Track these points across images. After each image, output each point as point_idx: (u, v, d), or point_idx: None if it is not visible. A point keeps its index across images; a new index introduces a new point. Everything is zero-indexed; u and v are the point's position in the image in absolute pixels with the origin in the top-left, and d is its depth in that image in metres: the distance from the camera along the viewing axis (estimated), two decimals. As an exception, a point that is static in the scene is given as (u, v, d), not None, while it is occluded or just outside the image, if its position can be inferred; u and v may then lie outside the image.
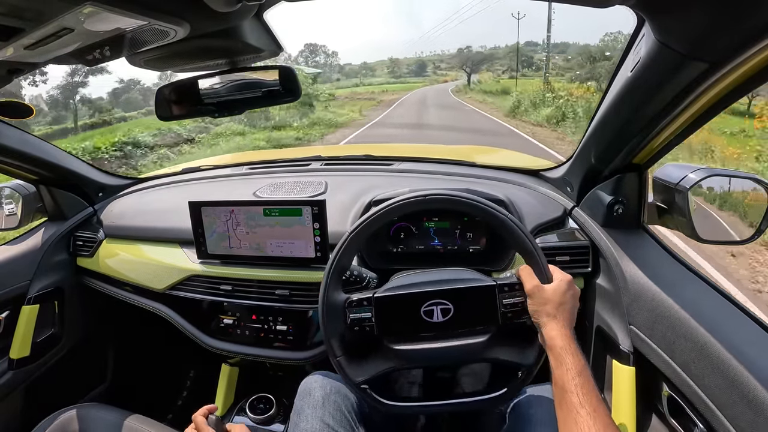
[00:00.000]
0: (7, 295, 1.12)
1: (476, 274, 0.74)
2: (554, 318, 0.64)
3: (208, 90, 0.81)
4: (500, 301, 0.69)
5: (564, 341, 0.62)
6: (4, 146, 1.01)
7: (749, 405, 0.54)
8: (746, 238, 0.75)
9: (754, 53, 0.46)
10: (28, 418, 1.16)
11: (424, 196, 0.71)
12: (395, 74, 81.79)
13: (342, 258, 0.73)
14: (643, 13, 0.50)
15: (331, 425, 0.75)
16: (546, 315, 0.65)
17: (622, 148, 0.77)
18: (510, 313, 0.68)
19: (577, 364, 0.59)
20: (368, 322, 0.72)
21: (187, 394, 1.56)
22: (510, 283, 0.69)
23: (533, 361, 0.69)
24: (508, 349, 0.71)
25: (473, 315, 0.71)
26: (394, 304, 0.72)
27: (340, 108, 20.43)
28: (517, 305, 0.68)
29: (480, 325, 0.71)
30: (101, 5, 0.44)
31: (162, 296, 1.11)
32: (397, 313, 0.72)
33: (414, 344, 0.72)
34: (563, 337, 0.62)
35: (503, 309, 0.69)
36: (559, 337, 0.62)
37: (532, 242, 0.69)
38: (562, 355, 0.61)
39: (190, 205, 1.02)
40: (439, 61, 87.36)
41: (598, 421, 0.54)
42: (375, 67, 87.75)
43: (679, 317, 0.67)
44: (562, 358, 0.60)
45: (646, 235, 0.86)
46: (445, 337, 0.71)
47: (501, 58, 62.69)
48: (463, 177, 1.19)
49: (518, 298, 0.68)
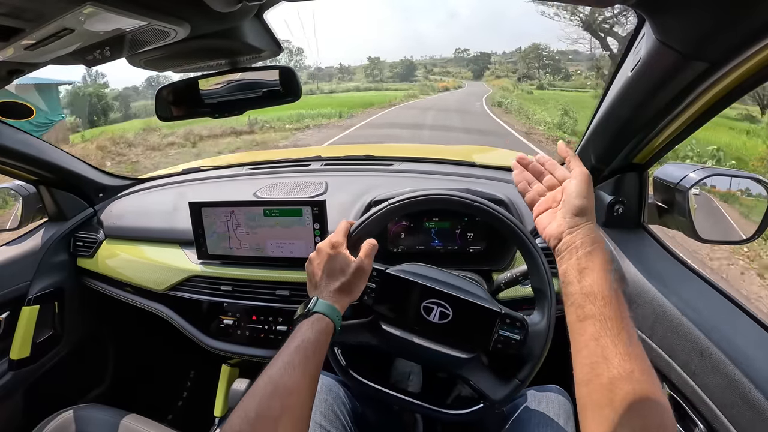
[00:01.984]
0: (7, 295, 1.12)
1: (486, 294, 0.73)
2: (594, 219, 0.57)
3: (208, 90, 0.81)
4: (497, 329, 0.68)
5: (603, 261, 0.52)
6: (4, 147, 1.01)
7: (749, 405, 0.54)
8: (746, 237, 0.75)
9: (754, 53, 0.46)
10: (28, 419, 1.16)
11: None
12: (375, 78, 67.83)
13: (369, 226, 0.71)
14: (643, 13, 0.50)
15: (323, 425, 0.74)
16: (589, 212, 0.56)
17: (623, 148, 0.77)
18: (501, 344, 0.68)
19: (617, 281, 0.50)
20: (369, 293, 0.72)
21: (187, 394, 1.56)
22: (513, 317, 0.68)
23: (500, 399, 0.68)
24: (483, 377, 0.70)
25: (467, 331, 0.70)
26: (400, 287, 0.72)
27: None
28: (511, 340, 0.67)
29: (469, 343, 0.70)
30: (102, 6, 0.44)
31: (162, 297, 1.10)
32: (399, 296, 0.72)
33: (402, 332, 0.72)
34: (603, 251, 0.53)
35: (496, 338, 0.68)
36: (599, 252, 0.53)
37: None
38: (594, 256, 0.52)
39: (190, 206, 1.02)
40: (431, 64, 78.53)
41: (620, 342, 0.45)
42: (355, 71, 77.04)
43: (679, 317, 0.67)
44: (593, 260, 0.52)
45: (646, 234, 0.86)
46: (433, 338, 0.71)
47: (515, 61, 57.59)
48: (463, 177, 1.19)
49: (515, 334, 0.67)
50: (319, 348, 0.56)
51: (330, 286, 0.64)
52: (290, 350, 0.54)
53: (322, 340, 0.57)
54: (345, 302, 0.64)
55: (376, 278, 0.72)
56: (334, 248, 0.67)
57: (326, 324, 0.58)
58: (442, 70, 74.87)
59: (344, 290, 0.64)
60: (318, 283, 0.65)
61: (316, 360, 0.55)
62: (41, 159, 1.12)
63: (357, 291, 0.66)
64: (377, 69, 74.18)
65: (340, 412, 0.78)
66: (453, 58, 76.81)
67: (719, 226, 0.77)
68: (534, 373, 0.67)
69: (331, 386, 0.81)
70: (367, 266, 0.67)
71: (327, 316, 0.59)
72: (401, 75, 68.74)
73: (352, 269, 0.65)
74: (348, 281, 0.64)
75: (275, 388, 0.49)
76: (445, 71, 74.11)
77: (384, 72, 73.96)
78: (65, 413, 0.85)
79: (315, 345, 0.55)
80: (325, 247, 0.67)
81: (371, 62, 75.49)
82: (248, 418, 0.46)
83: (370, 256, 0.68)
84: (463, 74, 69.39)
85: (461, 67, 74.16)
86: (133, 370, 1.50)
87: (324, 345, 0.57)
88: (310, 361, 0.53)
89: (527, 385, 0.68)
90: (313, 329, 0.57)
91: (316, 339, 0.56)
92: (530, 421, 0.76)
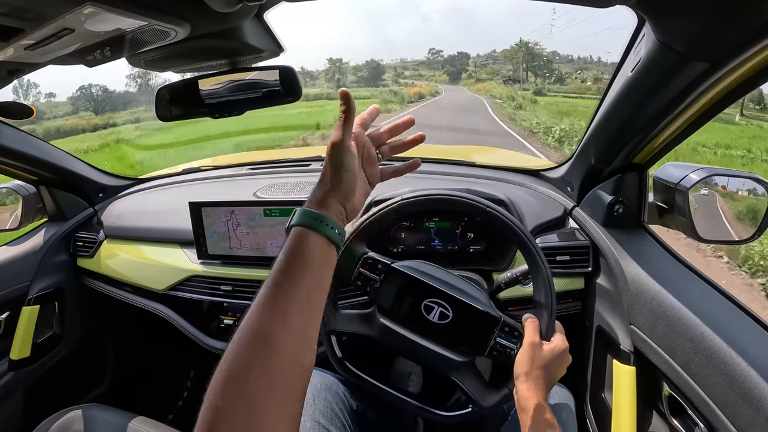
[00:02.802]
0: (8, 295, 1.12)
1: (488, 300, 0.73)
2: (533, 378, 0.61)
3: (208, 90, 0.81)
4: (495, 336, 0.68)
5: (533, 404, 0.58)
6: (4, 147, 1.01)
7: (750, 404, 0.54)
8: (746, 237, 0.75)
9: (754, 53, 0.46)
10: (28, 419, 1.16)
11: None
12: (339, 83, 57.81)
13: (375, 223, 0.72)
14: (643, 13, 0.50)
15: (323, 424, 0.73)
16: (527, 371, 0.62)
17: (623, 148, 0.77)
18: (496, 352, 0.68)
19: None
20: (372, 285, 0.72)
21: (187, 394, 1.56)
22: (512, 326, 0.68)
23: (488, 406, 0.68)
24: (474, 382, 0.70)
25: (465, 334, 0.70)
26: (404, 282, 0.72)
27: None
28: (507, 348, 0.67)
29: (465, 346, 0.70)
30: (102, 6, 0.44)
31: (162, 297, 1.11)
32: (401, 291, 0.72)
33: (399, 327, 0.71)
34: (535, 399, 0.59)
35: (493, 344, 0.68)
36: (531, 399, 0.59)
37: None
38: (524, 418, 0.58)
39: (190, 206, 1.02)
40: (402, 67, 69.84)
41: None
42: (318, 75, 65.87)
43: (679, 317, 0.67)
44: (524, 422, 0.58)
45: (646, 234, 0.86)
46: (430, 337, 0.71)
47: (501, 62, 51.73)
48: (463, 177, 1.19)
49: (512, 344, 0.67)
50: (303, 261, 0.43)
51: (327, 182, 0.49)
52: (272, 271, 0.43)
53: (291, 261, 0.43)
54: (330, 200, 0.48)
55: (380, 270, 0.72)
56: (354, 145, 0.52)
57: (299, 234, 0.45)
58: (414, 73, 66.82)
59: (323, 182, 0.49)
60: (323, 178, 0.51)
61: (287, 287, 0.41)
62: (41, 159, 1.12)
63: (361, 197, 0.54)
64: (339, 73, 63.35)
65: (339, 411, 0.77)
66: (426, 60, 69.42)
67: (719, 226, 0.77)
68: None
69: (330, 384, 0.81)
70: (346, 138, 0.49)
71: (302, 225, 0.45)
72: (367, 79, 56.44)
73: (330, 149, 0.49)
74: (327, 169, 0.49)
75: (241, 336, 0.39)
76: (417, 74, 66.49)
77: (347, 76, 62.81)
78: (65, 413, 0.85)
79: (282, 275, 0.42)
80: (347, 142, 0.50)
81: (332, 65, 64.05)
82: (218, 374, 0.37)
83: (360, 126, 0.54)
84: (438, 77, 62.97)
85: (435, 70, 67.19)
86: (133, 370, 1.50)
87: (296, 260, 0.43)
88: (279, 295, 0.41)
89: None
90: (283, 253, 0.44)
91: (285, 261, 0.43)
92: None
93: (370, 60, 63.13)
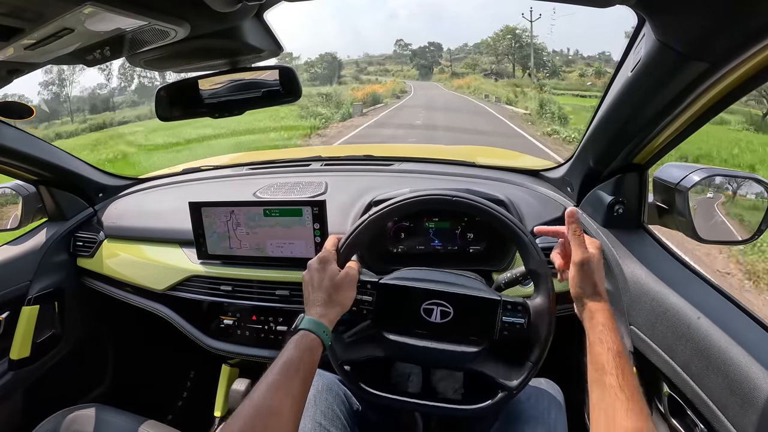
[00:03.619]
0: (7, 295, 1.12)
1: (484, 285, 0.74)
2: (599, 293, 0.62)
3: (208, 90, 0.81)
4: (500, 317, 0.68)
5: (606, 318, 0.60)
6: (4, 146, 1.01)
7: (750, 405, 0.54)
8: (746, 237, 0.75)
9: (754, 53, 0.46)
10: (28, 419, 1.16)
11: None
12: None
13: (357, 236, 0.71)
14: (643, 13, 0.50)
15: (324, 424, 0.74)
16: (592, 287, 0.62)
17: (623, 148, 0.77)
18: (506, 331, 0.68)
19: (617, 344, 0.57)
20: (367, 305, 0.72)
21: (187, 394, 1.56)
22: (514, 302, 0.68)
23: (516, 385, 0.68)
24: (495, 365, 0.70)
25: (471, 324, 0.70)
26: (397, 294, 0.72)
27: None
28: (515, 325, 0.68)
29: (475, 336, 0.70)
30: (101, 5, 0.44)
31: (162, 297, 1.10)
32: (397, 303, 0.72)
33: (406, 338, 0.72)
34: (606, 312, 0.60)
35: (501, 325, 0.68)
36: (602, 312, 0.60)
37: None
38: (604, 332, 0.58)
39: (190, 206, 1.02)
40: (366, 62, 60.05)
41: (634, 406, 0.50)
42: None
43: (679, 317, 0.67)
44: (604, 336, 0.58)
45: (646, 235, 0.86)
46: (438, 338, 0.71)
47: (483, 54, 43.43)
48: (463, 177, 1.19)
49: (519, 319, 0.67)
50: (304, 365, 0.57)
51: (318, 300, 0.65)
52: (274, 371, 0.55)
53: (306, 357, 0.58)
54: (334, 314, 0.64)
55: (371, 290, 0.72)
56: (322, 263, 0.67)
57: (311, 340, 0.59)
58: (379, 69, 57.32)
59: (331, 301, 0.65)
60: (308, 299, 0.66)
61: (300, 378, 0.55)
62: (41, 159, 1.12)
63: (347, 300, 0.67)
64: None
65: (339, 411, 0.78)
66: (393, 55, 60.34)
67: (719, 227, 0.77)
68: (545, 353, 0.67)
69: (330, 385, 0.81)
70: (353, 273, 0.68)
71: (312, 332, 0.60)
72: (322, 76, 48.10)
73: (337, 279, 0.66)
74: (335, 292, 0.65)
75: (257, 411, 0.50)
76: (383, 69, 56.96)
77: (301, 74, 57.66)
78: (65, 413, 0.85)
79: (299, 363, 0.56)
80: (314, 264, 0.68)
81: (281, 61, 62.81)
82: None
83: (355, 268, 0.69)
84: (407, 72, 54.01)
85: (403, 64, 57.57)
86: (133, 370, 1.50)
87: (309, 362, 0.58)
88: (293, 380, 0.55)
89: (540, 365, 0.68)
90: (297, 347, 0.58)
91: (300, 357, 0.57)
92: (522, 416, 0.77)
93: (325, 54, 52.56)
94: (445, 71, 44.79)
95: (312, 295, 0.66)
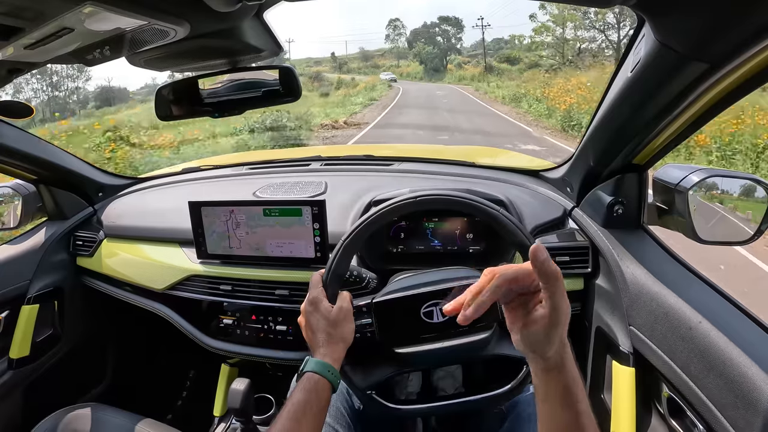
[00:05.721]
0: (7, 294, 1.12)
1: (473, 272, 0.74)
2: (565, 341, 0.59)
3: (208, 90, 0.81)
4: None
5: (573, 363, 0.55)
6: (4, 146, 1.01)
7: (749, 406, 0.54)
8: (746, 238, 0.75)
9: (754, 53, 0.46)
10: (27, 418, 1.16)
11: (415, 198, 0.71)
12: None
13: (338, 266, 0.72)
14: (643, 14, 0.50)
15: (330, 423, 0.74)
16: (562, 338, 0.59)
17: (622, 149, 0.77)
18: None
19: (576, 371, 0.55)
20: (369, 328, 0.72)
21: (186, 394, 1.56)
22: None
23: None
24: (510, 343, 0.70)
25: None
26: (394, 308, 0.72)
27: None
28: None
29: (481, 322, 0.70)
30: (101, 5, 0.44)
31: (162, 296, 1.10)
32: (397, 316, 0.72)
33: (416, 346, 0.72)
34: (571, 357, 0.56)
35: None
36: (569, 359, 0.56)
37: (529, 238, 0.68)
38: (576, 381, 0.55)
39: (190, 205, 1.02)
40: (314, 62, 45.13)
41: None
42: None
43: (679, 318, 0.67)
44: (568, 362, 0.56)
45: (646, 235, 0.86)
46: (446, 336, 0.71)
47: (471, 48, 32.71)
48: (463, 177, 1.19)
49: None
50: (311, 408, 0.58)
51: (319, 342, 0.65)
52: (283, 417, 0.57)
53: (313, 399, 0.59)
54: (339, 351, 0.66)
55: (366, 314, 0.72)
56: (313, 304, 0.68)
57: (316, 381, 0.60)
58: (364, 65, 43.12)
59: (332, 340, 0.65)
60: (310, 343, 0.67)
61: (309, 420, 0.57)
62: (41, 158, 1.12)
63: (347, 333, 0.67)
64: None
65: (343, 409, 0.79)
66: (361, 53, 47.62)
67: (719, 227, 0.77)
68: None
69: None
70: (346, 306, 0.69)
71: (317, 373, 0.61)
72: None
73: (332, 317, 0.67)
74: (333, 330, 0.66)
75: None
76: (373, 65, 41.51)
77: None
78: (65, 412, 0.85)
79: (305, 406, 0.58)
80: (306, 307, 0.69)
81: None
82: None
83: (347, 299, 0.70)
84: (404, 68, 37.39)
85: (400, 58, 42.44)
86: (133, 369, 1.50)
87: (317, 403, 0.59)
88: (301, 423, 0.56)
89: None
90: (303, 390, 0.59)
91: (306, 399, 0.58)
92: (530, 418, 0.76)
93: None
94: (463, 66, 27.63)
95: (313, 339, 0.66)
